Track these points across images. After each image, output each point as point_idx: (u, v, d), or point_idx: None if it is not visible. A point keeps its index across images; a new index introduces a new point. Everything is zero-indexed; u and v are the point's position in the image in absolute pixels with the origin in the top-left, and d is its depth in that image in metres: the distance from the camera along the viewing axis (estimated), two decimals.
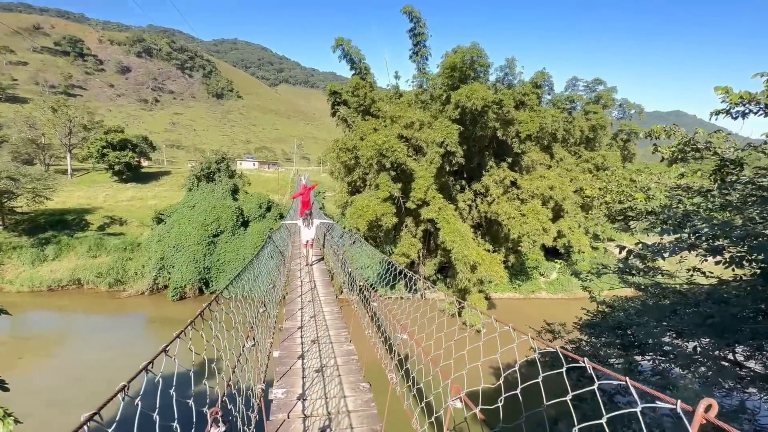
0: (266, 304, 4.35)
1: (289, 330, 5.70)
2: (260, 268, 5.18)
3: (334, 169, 27.75)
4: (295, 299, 7.37)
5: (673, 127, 5.46)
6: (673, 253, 5.20)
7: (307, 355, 4.82)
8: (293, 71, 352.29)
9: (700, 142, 4.99)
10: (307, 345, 5.13)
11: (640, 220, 6.02)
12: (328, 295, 8.11)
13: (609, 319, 8.14)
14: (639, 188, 6.40)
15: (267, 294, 4.69)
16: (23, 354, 18.71)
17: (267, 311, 4.32)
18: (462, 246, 19.84)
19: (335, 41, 24.42)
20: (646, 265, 6.13)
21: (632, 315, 7.66)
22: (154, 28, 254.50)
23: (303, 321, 6.07)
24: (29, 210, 32.51)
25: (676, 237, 5.31)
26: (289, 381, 4.11)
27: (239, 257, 27.53)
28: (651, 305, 7.20)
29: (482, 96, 19.06)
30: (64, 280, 26.56)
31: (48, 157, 58.06)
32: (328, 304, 7.29)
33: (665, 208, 5.63)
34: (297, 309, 6.66)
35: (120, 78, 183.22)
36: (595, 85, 35.32)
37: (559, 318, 15.17)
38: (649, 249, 5.79)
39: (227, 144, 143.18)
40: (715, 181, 5.31)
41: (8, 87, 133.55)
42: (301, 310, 6.53)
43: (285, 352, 4.92)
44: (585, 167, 29.96)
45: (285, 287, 7.73)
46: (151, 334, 21.88)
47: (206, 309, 2.56)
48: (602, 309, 9.08)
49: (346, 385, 4.06)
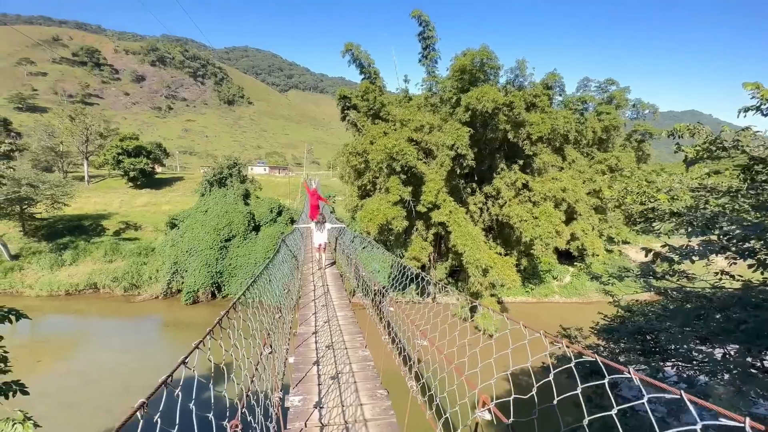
0: (282, 309, 4.29)
1: (303, 335, 5.65)
2: (274, 273, 5.15)
3: (344, 173, 27.83)
4: (309, 303, 7.34)
5: (697, 125, 5.25)
6: (704, 256, 4.99)
7: (322, 361, 4.76)
8: (303, 77, 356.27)
9: (727, 141, 4.78)
10: (321, 350, 5.08)
11: (664, 221, 5.78)
12: (342, 299, 8.06)
13: (628, 324, 7.88)
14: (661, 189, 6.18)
15: (282, 299, 4.65)
16: (42, 357, 19.08)
17: (282, 317, 4.26)
18: (474, 249, 19.63)
19: (345, 46, 24.56)
20: (671, 268, 5.88)
21: (653, 320, 7.40)
22: (167, 37, 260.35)
23: (317, 326, 6.02)
24: (48, 216, 33.32)
25: (703, 239, 5.09)
26: (305, 388, 4.04)
27: (251, 261, 27.73)
28: (673, 310, 6.94)
29: (493, 98, 18.90)
30: (81, 284, 27.10)
31: (66, 165, 59.61)
32: (342, 309, 7.23)
33: (691, 209, 5.40)
34: (311, 314, 6.62)
35: (135, 86, 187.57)
36: (607, 86, 34.75)
37: (574, 322, 14.85)
38: (676, 251, 5.56)
39: (238, 149, 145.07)
40: (744, 181, 5.09)
41: (29, 97, 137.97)
42: (315, 315, 6.49)
43: (300, 358, 4.87)
44: (598, 169, 29.43)
45: (299, 291, 7.70)
46: (165, 338, 22.14)
47: (224, 317, 2.50)
48: (621, 313, 8.81)
49: (362, 392, 3.97)
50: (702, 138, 5.13)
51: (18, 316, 4.56)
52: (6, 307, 4.60)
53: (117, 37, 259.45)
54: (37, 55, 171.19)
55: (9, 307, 4.61)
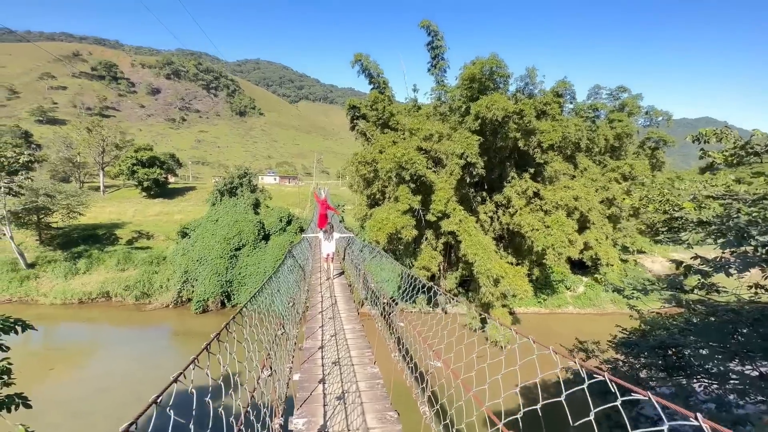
0: (285, 326, 4.12)
1: (310, 350, 5.49)
2: (279, 285, 4.99)
3: (354, 182, 27.86)
4: (316, 316, 7.15)
5: (724, 129, 5.00)
6: (744, 269, 4.67)
7: (328, 378, 4.57)
8: (313, 88, 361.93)
9: (759, 145, 4.53)
10: (328, 367, 4.89)
11: (692, 231, 5.47)
12: (350, 311, 7.86)
13: (650, 338, 7.53)
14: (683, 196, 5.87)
15: (286, 313, 4.48)
16: (54, 365, 19.24)
17: (286, 333, 4.09)
18: (485, 259, 19.30)
19: (354, 57, 24.78)
20: (700, 282, 5.53)
21: (675, 334, 7.04)
22: (182, 51, 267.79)
23: (324, 340, 5.84)
24: (64, 225, 34.04)
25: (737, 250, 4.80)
26: (310, 409, 3.85)
27: (260, 270, 27.79)
28: (699, 324, 6.59)
29: (503, 106, 18.76)
30: (94, 292, 27.45)
31: (83, 175, 61.14)
32: (350, 322, 7.03)
33: (721, 219, 5.07)
34: (317, 327, 6.45)
35: (150, 99, 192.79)
36: (618, 93, 34.33)
37: (590, 334, 14.32)
38: (710, 264, 5.23)
39: (249, 159, 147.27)
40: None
41: (49, 110, 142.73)
42: (322, 328, 6.32)
43: (305, 375, 4.69)
44: (611, 177, 28.89)
45: (305, 303, 7.53)
46: (174, 347, 22.17)
47: (220, 333, 2.39)
48: (641, 327, 8.45)
49: (371, 414, 3.75)
50: (730, 143, 4.87)
51: (24, 326, 4.53)
52: (12, 317, 4.57)
53: (134, 51, 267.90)
54: (58, 70, 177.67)
55: (15, 317, 4.58)
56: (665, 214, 6.10)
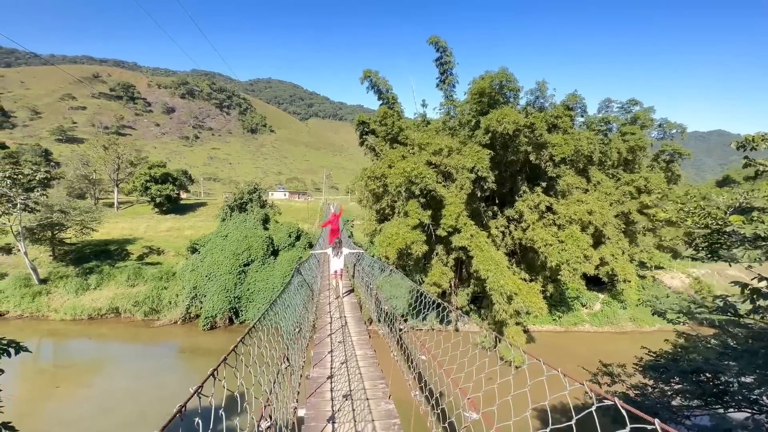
0: (290, 357, 3.75)
1: (318, 380, 5.04)
2: (285, 309, 4.61)
3: (363, 197, 27.74)
4: (324, 339, 6.70)
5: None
6: None
7: (338, 416, 4.10)
8: (322, 105, 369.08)
9: None
10: (338, 401, 4.44)
11: (748, 247, 4.96)
12: (360, 334, 7.37)
13: (683, 363, 6.97)
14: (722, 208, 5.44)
15: (291, 341, 4.10)
16: (61, 383, 19.04)
17: (291, 366, 3.72)
18: (498, 275, 18.77)
19: (363, 73, 25.05)
20: (756, 305, 4.98)
21: (712, 358, 6.50)
22: (197, 72, 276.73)
23: (333, 368, 5.39)
24: (77, 241, 34.46)
25: None
26: None
27: (269, 286, 27.54)
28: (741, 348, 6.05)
29: (513, 120, 18.58)
30: (104, 308, 27.43)
31: (98, 192, 62.50)
32: (361, 346, 6.53)
33: None
34: (326, 352, 6.01)
35: (165, 117, 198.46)
36: (630, 106, 34.02)
37: (609, 354, 13.57)
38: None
39: (260, 176, 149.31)
40: None
41: (69, 129, 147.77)
42: (331, 354, 5.89)
43: (312, 411, 4.22)
44: (625, 190, 28.27)
45: (313, 327, 7.14)
46: (181, 365, 21.85)
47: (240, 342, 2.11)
48: (671, 350, 7.88)
49: None
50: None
51: (17, 348, 4.32)
52: (6, 338, 4.37)
53: (151, 72, 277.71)
54: (78, 91, 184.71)
55: (9, 339, 4.37)
56: (705, 229, 5.65)
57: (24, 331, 25.24)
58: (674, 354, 7.68)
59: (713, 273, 39.44)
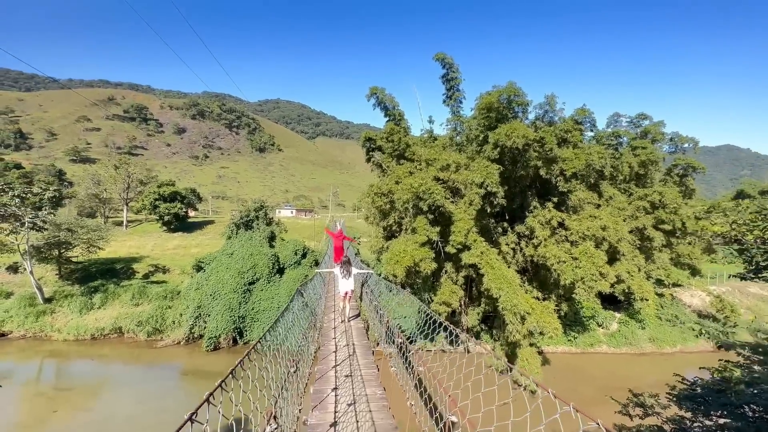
0: (278, 418, 3.06)
1: (317, 429, 4.00)
2: (280, 341, 3.95)
3: (369, 213, 27.36)
4: (327, 373, 5.74)
5: None
6: None
7: None
8: (330, 125, 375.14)
9: None
10: None
11: None
12: (369, 366, 6.39)
13: (729, 393, 6.26)
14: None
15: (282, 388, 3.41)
16: (59, 406, 18.50)
17: (280, 427, 3.02)
18: (510, 294, 18.03)
19: (370, 90, 25.09)
20: None
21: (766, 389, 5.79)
22: (208, 93, 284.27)
23: (337, 412, 4.34)
24: (83, 259, 34.42)
25: None
26: None
27: (274, 306, 26.97)
28: None
29: (523, 134, 18.23)
30: (107, 328, 27.04)
31: (108, 210, 63.16)
32: (371, 384, 5.50)
33: None
34: (329, 389, 4.98)
35: (176, 138, 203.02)
36: (639, 121, 33.59)
37: (629, 379, 12.61)
38: None
39: (267, 193, 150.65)
40: None
41: (83, 150, 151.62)
42: (335, 391, 4.89)
43: None
44: (639, 205, 27.48)
45: (314, 358, 6.32)
46: (182, 388, 21.17)
47: (238, 365, 1.67)
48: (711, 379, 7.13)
49: None
50: None
51: None
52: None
53: (163, 95, 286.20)
54: (93, 113, 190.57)
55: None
56: None
57: (26, 352, 24.87)
58: (714, 383, 6.94)
59: (734, 290, 37.93)
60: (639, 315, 29.42)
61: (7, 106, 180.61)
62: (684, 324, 29.92)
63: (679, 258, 30.21)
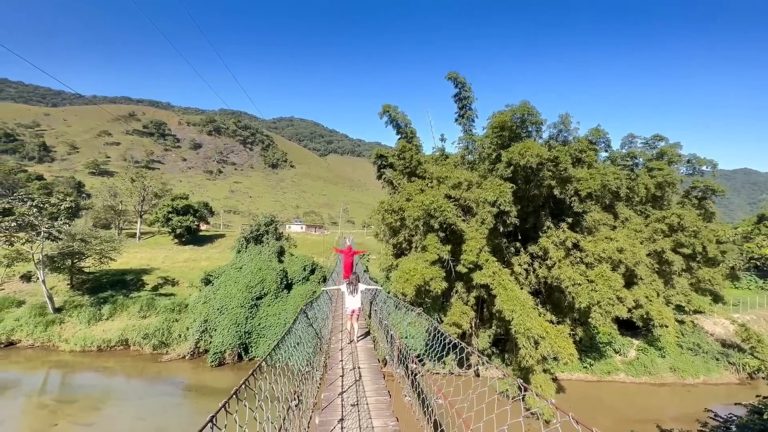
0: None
1: None
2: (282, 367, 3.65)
3: (379, 231, 27.12)
4: (334, 401, 5.34)
5: None
6: None
7: None
8: (342, 142, 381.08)
9: None
10: None
11: None
12: (379, 392, 5.96)
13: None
14: None
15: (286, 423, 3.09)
16: (60, 420, 18.23)
17: None
18: (523, 316, 17.40)
19: (382, 108, 25.28)
20: None
21: None
22: (224, 111, 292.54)
23: None
24: (95, 270, 34.74)
25: None
26: None
27: (280, 322, 26.58)
28: None
29: (537, 153, 17.98)
30: (113, 340, 26.93)
31: (122, 222, 64.32)
32: (382, 414, 5.05)
33: None
34: (335, 420, 4.64)
35: (192, 153, 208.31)
36: (655, 142, 33.00)
37: (650, 410, 11.75)
38: None
39: (278, 209, 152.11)
40: None
41: (102, 163, 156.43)
42: (341, 423, 4.49)
43: None
44: (656, 228, 26.67)
45: (319, 381, 5.95)
46: (185, 405, 20.71)
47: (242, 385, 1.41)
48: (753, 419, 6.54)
49: None
50: None
51: None
52: None
53: (182, 111, 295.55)
54: (114, 128, 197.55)
55: None
56: None
57: (33, 362, 24.84)
58: (753, 422, 6.34)
59: (758, 319, 36.17)
60: (659, 342, 28.13)
61: (33, 120, 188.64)
62: (707, 353, 28.45)
63: (699, 283, 28.99)
